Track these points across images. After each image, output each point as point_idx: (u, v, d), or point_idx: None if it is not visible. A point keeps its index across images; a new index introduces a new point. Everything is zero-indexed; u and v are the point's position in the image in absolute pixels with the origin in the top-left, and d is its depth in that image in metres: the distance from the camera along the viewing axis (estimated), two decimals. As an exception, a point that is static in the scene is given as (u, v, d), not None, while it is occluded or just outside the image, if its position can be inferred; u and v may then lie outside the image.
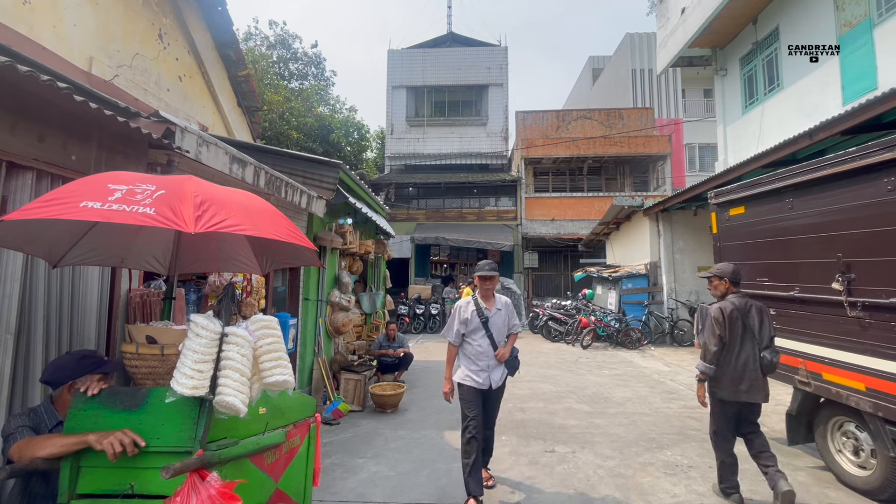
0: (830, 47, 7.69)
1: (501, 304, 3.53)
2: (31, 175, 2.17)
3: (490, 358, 3.39)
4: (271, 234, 1.67)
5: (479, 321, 3.41)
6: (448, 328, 3.54)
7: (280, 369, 1.78)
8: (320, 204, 4.51)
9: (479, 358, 3.39)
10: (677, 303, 10.85)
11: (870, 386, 3.11)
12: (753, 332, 3.29)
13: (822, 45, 7.76)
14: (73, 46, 4.06)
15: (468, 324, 3.44)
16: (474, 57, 19.94)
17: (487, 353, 3.39)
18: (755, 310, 3.33)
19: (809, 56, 7.98)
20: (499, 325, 3.46)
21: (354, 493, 3.50)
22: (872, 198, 3.09)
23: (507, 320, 3.54)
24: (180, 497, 1.45)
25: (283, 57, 20.44)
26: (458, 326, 3.46)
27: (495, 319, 3.46)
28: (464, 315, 3.47)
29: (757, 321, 3.31)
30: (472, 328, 3.43)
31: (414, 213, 18.97)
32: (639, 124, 17.76)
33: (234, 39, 6.52)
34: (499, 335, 3.45)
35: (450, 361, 3.52)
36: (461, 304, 3.52)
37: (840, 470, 3.58)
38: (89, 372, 1.78)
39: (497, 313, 3.48)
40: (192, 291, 3.57)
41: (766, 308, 3.40)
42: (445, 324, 3.79)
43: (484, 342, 3.40)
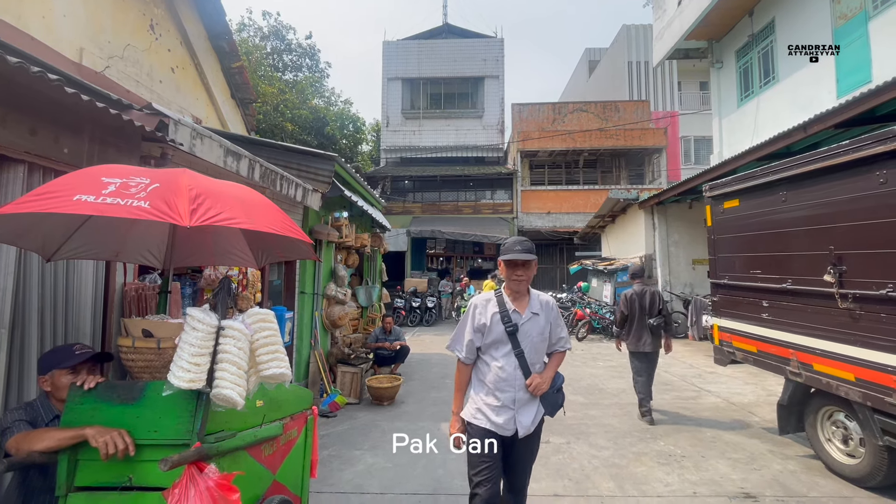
0: (830, 46, 7.69)
1: (540, 306, 2.37)
2: (23, 168, 2.15)
3: (519, 388, 2.23)
4: (266, 227, 1.66)
5: (504, 330, 2.25)
6: (456, 336, 2.40)
7: (277, 362, 1.78)
8: (316, 197, 4.50)
9: (501, 387, 2.23)
10: (672, 295, 10.92)
11: (859, 376, 3.16)
12: (645, 308, 5.02)
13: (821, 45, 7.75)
14: (63, 37, 4.00)
15: (487, 333, 2.28)
16: (470, 48, 19.81)
17: (514, 381, 2.23)
18: (648, 294, 5.08)
19: (809, 57, 7.95)
20: (534, 338, 2.28)
21: (351, 485, 3.53)
22: (864, 191, 3.12)
23: (549, 330, 2.36)
24: (178, 489, 1.46)
25: (277, 48, 20.22)
26: (471, 336, 2.31)
27: (529, 328, 2.28)
28: (480, 319, 2.30)
29: (648, 301, 5.04)
30: (493, 340, 2.27)
31: (410, 207, 18.93)
32: (635, 117, 17.76)
33: (227, 30, 6.44)
34: (534, 353, 2.28)
35: (460, 388, 2.37)
36: (477, 302, 2.37)
37: (829, 458, 3.65)
38: (70, 359, 1.77)
39: (532, 319, 2.30)
40: (187, 285, 3.57)
41: (658, 292, 5.16)
42: (441, 317, 2.86)
43: (509, 363, 2.24)
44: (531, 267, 2.31)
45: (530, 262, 2.28)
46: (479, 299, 2.39)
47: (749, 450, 4.11)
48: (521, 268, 2.27)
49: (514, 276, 2.28)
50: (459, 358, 2.37)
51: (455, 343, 2.40)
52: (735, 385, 6.37)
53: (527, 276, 2.30)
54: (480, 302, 2.37)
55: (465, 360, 2.35)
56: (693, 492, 3.38)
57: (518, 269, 2.27)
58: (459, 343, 2.37)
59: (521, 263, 2.27)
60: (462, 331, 2.37)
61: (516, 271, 2.27)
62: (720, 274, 4.76)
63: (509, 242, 2.31)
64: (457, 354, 2.38)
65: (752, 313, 4.27)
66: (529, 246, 2.29)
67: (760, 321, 4.14)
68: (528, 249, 2.27)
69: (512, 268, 2.28)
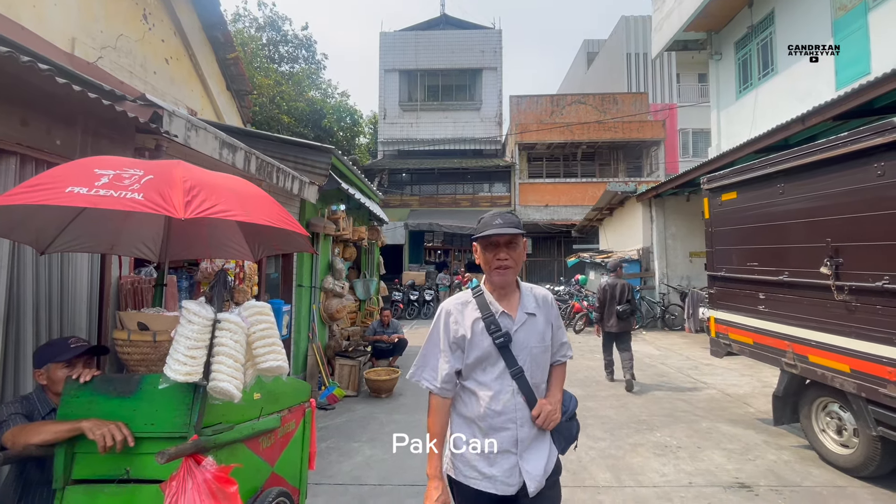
0: (829, 47, 7.65)
1: (536, 303, 1.69)
2: (15, 160, 2.12)
3: (521, 423, 1.58)
4: (263, 219, 1.65)
5: (492, 343, 1.58)
6: (423, 359, 1.67)
7: (274, 355, 1.78)
8: (312, 190, 4.47)
9: (496, 424, 1.58)
10: (669, 288, 10.97)
11: (854, 368, 3.18)
12: (615, 297, 6.17)
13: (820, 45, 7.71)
14: (54, 27, 3.94)
15: (468, 349, 1.60)
16: (468, 40, 19.65)
17: (514, 414, 1.58)
18: (619, 285, 6.24)
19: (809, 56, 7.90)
20: (534, 348, 1.62)
21: (350, 476, 3.55)
22: (862, 183, 3.12)
23: (549, 334, 1.68)
24: (176, 482, 1.46)
25: (272, 39, 20.00)
26: (447, 356, 1.62)
27: (526, 335, 1.62)
28: (456, 331, 1.62)
29: (619, 292, 6.19)
30: (477, 358, 1.60)
31: (407, 200, 18.88)
32: (633, 109, 17.70)
33: (221, 20, 6.36)
34: (536, 369, 1.62)
35: (436, 436, 1.61)
36: (450, 307, 1.67)
37: (823, 449, 3.69)
38: (66, 352, 1.76)
39: (529, 323, 1.64)
40: (183, 278, 3.55)
41: (629, 285, 6.37)
42: None
43: (505, 389, 1.59)
44: (519, 247, 1.60)
45: (517, 239, 1.59)
46: (451, 303, 1.67)
47: (744, 440, 4.15)
48: (505, 249, 1.59)
49: (498, 261, 1.59)
50: (431, 391, 1.62)
51: (421, 369, 1.65)
52: (731, 377, 6.42)
53: (513, 261, 1.59)
54: (454, 306, 1.66)
55: (439, 391, 1.61)
56: (689, 482, 3.41)
57: (500, 251, 1.59)
58: (428, 368, 1.64)
59: (503, 242, 1.58)
60: (431, 350, 1.65)
61: (499, 254, 1.59)
62: (717, 266, 4.77)
63: (486, 217, 1.62)
64: (425, 386, 1.62)
65: (748, 305, 4.29)
66: (513, 219, 1.59)
67: (757, 313, 4.16)
68: (512, 223, 1.57)
69: (492, 250, 1.60)
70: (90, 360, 1.86)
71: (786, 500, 3.13)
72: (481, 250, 1.64)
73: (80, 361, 1.79)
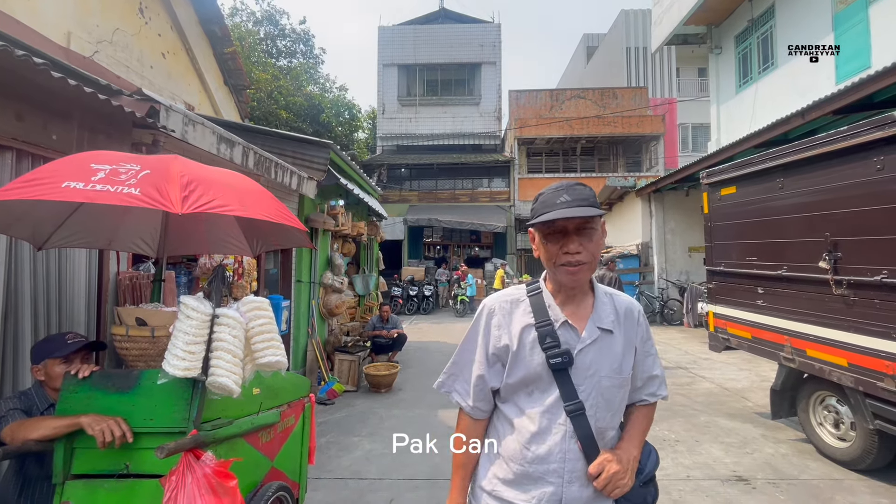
0: (829, 47, 7.62)
1: (615, 315, 1.22)
2: (11, 155, 2.11)
3: (572, 479, 1.13)
4: (260, 214, 1.64)
5: (545, 362, 1.14)
6: (455, 366, 1.29)
7: (272, 350, 1.78)
8: (311, 185, 4.47)
9: (536, 473, 1.14)
10: (668, 283, 10.98)
11: (852, 361, 3.19)
12: None
13: (821, 46, 7.68)
14: (50, 21, 3.91)
15: (512, 364, 1.19)
16: (467, 34, 19.54)
17: (563, 464, 1.13)
18: (608, 278, 6.76)
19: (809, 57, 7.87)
20: (603, 378, 1.16)
21: (350, 471, 3.57)
22: (861, 177, 3.11)
23: (629, 362, 1.23)
24: (175, 476, 1.47)
25: (270, 34, 19.88)
26: (483, 367, 1.23)
27: (595, 358, 1.17)
28: (498, 337, 1.22)
29: (606, 283, 6.46)
30: (523, 379, 1.18)
31: (406, 195, 18.85)
32: (632, 104, 17.64)
33: (218, 14, 6.32)
34: (604, 408, 1.16)
35: (461, 467, 1.25)
36: (494, 305, 1.25)
37: (821, 442, 3.71)
38: (63, 348, 1.76)
39: (602, 341, 1.18)
40: (182, 274, 3.55)
41: (615, 277, 6.97)
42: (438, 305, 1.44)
43: (554, 427, 1.14)
44: (597, 233, 1.14)
45: (594, 223, 1.13)
46: (496, 300, 1.26)
47: (742, 434, 4.17)
48: (577, 237, 1.11)
49: (566, 256, 1.12)
50: (462, 407, 1.26)
51: (453, 379, 1.28)
52: (729, 371, 6.44)
53: (589, 254, 1.13)
54: (499, 304, 1.24)
55: (470, 411, 1.24)
56: (686, 475, 3.43)
57: (570, 240, 1.12)
58: (461, 379, 1.27)
59: (573, 228, 1.11)
60: (465, 357, 1.27)
61: (567, 246, 1.12)
62: (716, 261, 4.77)
63: (546, 193, 1.16)
64: (456, 401, 1.27)
65: (747, 300, 4.30)
66: (586, 192, 1.13)
67: (755, 308, 4.17)
68: (584, 198, 1.11)
69: (557, 240, 1.13)
70: (88, 355, 1.86)
71: (783, 492, 3.15)
72: (540, 240, 1.17)
73: (77, 357, 1.79)
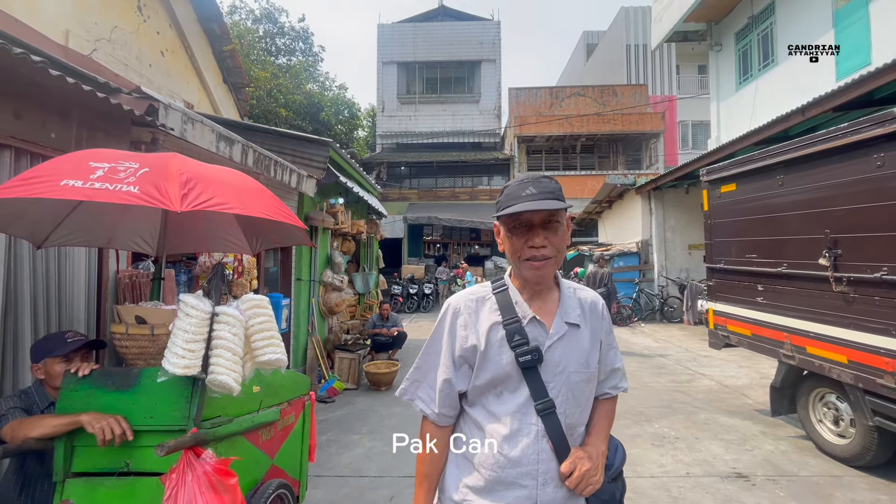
0: (829, 47, 7.60)
1: (581, 309, 1.18)
2: (10, 153, 2.11)
3: (546, 480, 1.08)
4: (260, 212, 1.64)
5: (514, 360, 1.09)
6: (418, 371, 1.23)
7: (272, 348, 1.78)
8: (311, 183, 4.46)
9: (507, 478, 1.08)
10: (668, 280, 10.98)
11: (851, 358, 3.20)
12: (596, 282, 7.96)
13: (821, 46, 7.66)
14: (48, 18, 3.89)
15: (480, 365, 1.12)
16: (466, 31, 19.50)
17: (535, 465, 1.08)
18: (600, 274, 8.13)
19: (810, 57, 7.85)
20: (572, 374, 1.12)
21: (350, 469, 3.57)
22: (861, 174, 3.10)
23: (596, 356, 1.19)
24: (176, 474, 1.47)
25: (269, 31, 19.82)
26: (449, 370, 1.16)
27: (563, 353, 1.12)
28: (464, 337, 1.15)
29: (598, 278, 8.02)
30: (492, 379, 1.12)
31: (406, 193, 18.84)
32: (632, 101, 17.61)
33: (217, 12, 6.30)
34: (573, 404, 1.13)
35: (426, 478, 1.16)
36: (459, 304, 1.18)
37: (820, 439, 3.71)
38: (63, 347, 1.76)
39: (569, 336, 1.14)
40: (181, 273, 3.55)
41: (607, 272, 8.26)
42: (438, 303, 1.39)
43: (525, 426, 1.09)
44: (561, 227, 1.10)
45: (559, 216, 1.09)
46: (461, 299, 1.20)
47: (742, 431, 4.18)
48: (542, 231, 1.08)
49: (531, 250, 1.09)
50: (426, 415, 1.18)
51: (416, 385, 1.21)
52: (729, 368, 6.45)
53: (554, 248, 1.09)
54: (465, 303, 1.18)
55: (436, 418, 1.17)
56: (686, 472, 3.44)
57: (535, 234, 1.08)
58: (425, 384, 1.20)
59: (538, 222, 1.08)
60: (430, 361, 1.20)
61: (532, 240, 1.08)
62: (716, 258, 4.77)
63: (512, 185, 1.12)
64: (420, 408, 1.19)
65: (747, 297, 4.30)
66: (551, 185, 1.09)
67: (755, 305, 4.17)
68: (550, 191, 1.07)
69: (521, 233, 1.10)
70: (88, 354, 1.86)
71: (783, 489, 3.15)
72: (505, 234, 1.12)
73: (77, 356, 1.79)
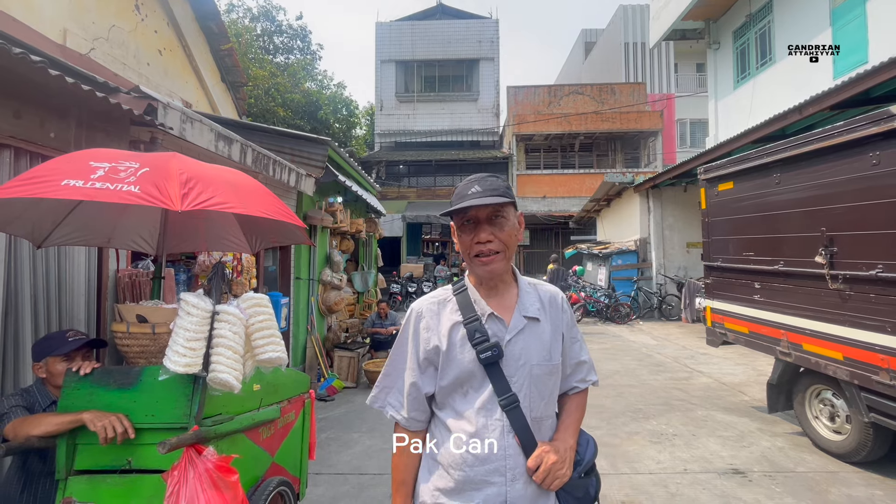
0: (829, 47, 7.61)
1: (540, 303, 1.21)
2: (9, 153, 2.11)
3: (514, 477, 1.09)
4: (259, 211, 1.65)
5: (476, 358, 1.11)
6: (385, 380, 1.24)
7: (272, 346, 1.79)
8: (309, 182, 4.47)
9: (476, 476, 1.09)
10: (666, 278, 11.02)
11: (847, 355, 3.22)
12: (558, 278, 9.62)
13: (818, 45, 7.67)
14: (45, 17, 3.88)
15: (444, 366, 1.15)
16: (465, 30, 19.47)
17: (504, 462, 1.09)
18: (562, 271, 10.08)
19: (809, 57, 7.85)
20: (534, 367, 1.14)
21: (350, 466, 3.59)
22: (857, 172, 3.13)
23: (558, 349, 1.20)
24: (178, 471, 1.48)
25: (267, 30, 19.75)
26: (415, 374, 1.18)
27: (525, 348, 1.14)
28: (427, 339, 1.18)
29: (562, 275, 9.90)
30: (456, 379, 1.14)
31: (405, 192, 18.84)
32: (631, 99, 17.63)
33: (215, 11, 6.28)
34: (537, 398, 1.14)
35: (401, 476, 1.19)
36: (421, 308, 1.21)
37: (816, 435, 3.74)
38: (64, 346, 1.77)
39: (529, 330, 1.16)
40: (181, 272, 3.55)
41: (564, 270, 10.33)
42: None
43: (491, 424, 1.11)
44: (509, 222, 1.14)
45: (504, 211, 1.12)
46: (423, 303, 1.23)
47: (739, 428, 4.20)
48: (488, 227, 1.11)
49: (478, 245, 1.12)
50: (397, 421, 1.21)
51: (385, 392, 1.23)
52: (726, 366, 6.48)
53: (501, 243, 1.12)
54: (426, 306, 1.21)
55: (406, 423, 1.19)
56: (684, 469, 3.46)
57: (481, 230, 1.12)
58: (394, 390, 1.22)
59: (484, 217, 1.11)
60: (397, 367, 1.23)
61: (478, 235, 1.12)
62: (714, 256, 4.79)
63: (460, 186, 1.16)
64: (390, 415, 1.22)
65: (744, 295, 4.32)
66: (496, 183, 1.12)
67: (752, 303, 4.20)
68: (494, 188, 1.10)
69: (470, 230, 1.13)
70: (88, 352, 1.87)
71: (779, 485, 3.18)
72: (457, 231, 1.17)
73: (78, 354, 1.80)
